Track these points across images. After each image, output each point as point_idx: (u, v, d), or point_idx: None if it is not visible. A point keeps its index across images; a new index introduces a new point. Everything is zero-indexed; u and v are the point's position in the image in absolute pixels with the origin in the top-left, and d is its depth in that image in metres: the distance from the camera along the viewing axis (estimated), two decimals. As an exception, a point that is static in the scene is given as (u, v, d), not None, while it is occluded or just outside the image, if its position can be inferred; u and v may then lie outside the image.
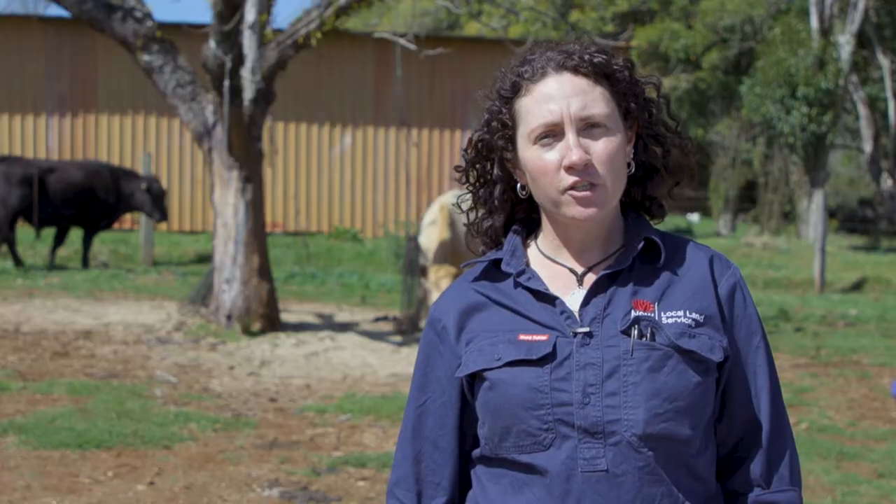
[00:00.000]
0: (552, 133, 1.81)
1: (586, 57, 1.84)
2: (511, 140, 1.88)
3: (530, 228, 1.97)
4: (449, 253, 10.25)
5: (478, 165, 1.95)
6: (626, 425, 1.76)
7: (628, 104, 1.86)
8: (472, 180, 1.97)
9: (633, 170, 1.89)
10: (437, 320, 1.92)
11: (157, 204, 14.79)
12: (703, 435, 1.82)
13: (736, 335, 1.86)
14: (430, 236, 10.20)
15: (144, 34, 9.75)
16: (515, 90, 1.86)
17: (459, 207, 2.03)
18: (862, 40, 24.44)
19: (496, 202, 1.95)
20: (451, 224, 10.23)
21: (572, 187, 1.79)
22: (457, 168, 1.98)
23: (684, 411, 1.78)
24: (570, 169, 1.79)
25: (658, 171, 1.93)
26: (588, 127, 1.81)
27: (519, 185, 1.91)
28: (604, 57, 1.85)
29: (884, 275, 16.82)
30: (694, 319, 1.82)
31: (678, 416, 1.77)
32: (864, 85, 25.23)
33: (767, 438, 1.87)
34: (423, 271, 10.62)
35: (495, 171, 1.93)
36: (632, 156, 1.89)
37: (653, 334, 1.79)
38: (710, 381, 1.82)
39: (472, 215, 2.00)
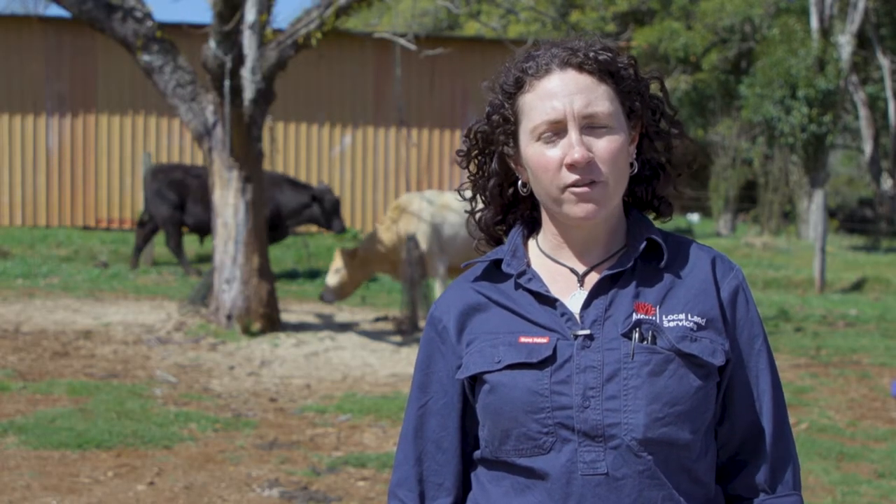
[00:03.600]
0: (555, 130, 1.80)
1: (591, 54, 1.82)
2: (513, 135, 1.87)
3: (531, 226, 1.96)
4: (375, 247, 10.54)
5: (477, 157, 1.95)
6: (626, 429, 1.75)
7: (632, 103, 1.85)
8: (472, 169, 1.97)
9: (636, 169, 1.88)
10: (438, 320, 1.91)
11: (331, 215, 13.93)
12: (703, 439, 1.81)
13: (738, 338, 1.85)
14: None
15: (144, 34, 9.75)
16: (519, 86, 1.85)
17: (461, 195, 2.03)
18: (862, 40, 24.44)
19: (488, 195, 1.95)
20: (395, 224, 10.45)
21: (573, 185, 1.78)
22: (458, 152, 1.98)
23: (685, 416, 1.77)
24: (571, 167, 1.77)
25: (664, 169, 1.92)
26: (591, 125, 1.79)
27: (520, 182, 1.90)
28: (609, 55, 1.83)
29: (884, 275, 16.81)
30: (696, 322, 1.80)
31: (678, 421, 1.76)
32: (864, 85, 25.22)
33: (770, 442, 1.86)
34: (422, 266, 10.63)
35: (493, 165, 1.92)
36: (635, 155, 1.88)
37: (654, 338, 1.78)
38: (711, 385, 1.81)
39: (473, 204, 2.00)
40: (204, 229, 13.83)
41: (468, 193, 2.00)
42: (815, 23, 23.13)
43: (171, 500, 5.32)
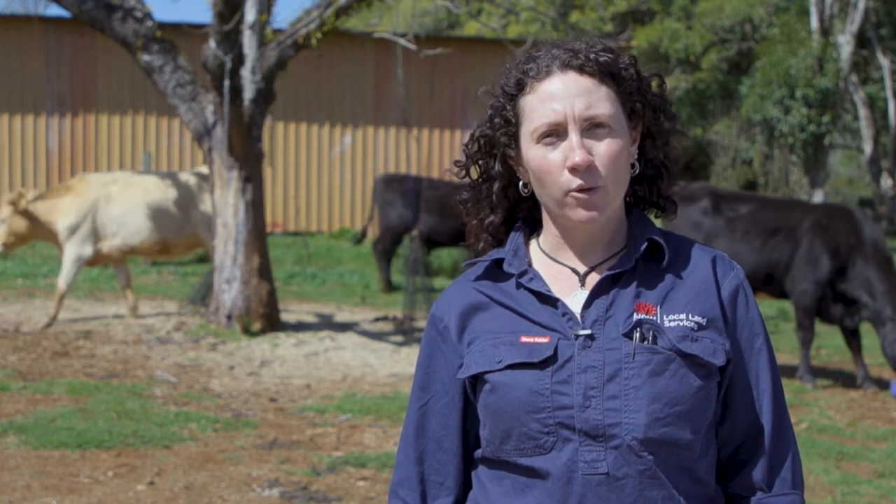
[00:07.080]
0: (556, 132, 1.80)
1: (592, 56, 1.82)
2: (514, 137, 1.87)
3: (532, 227, 1.96)
4: (46, 206, 10.12)
5: (479, 161, 1.95)
6: (627, 429, 1.75)
7: (633, 103, 1.85)
8: (473, 175, 1.97)
9: (637, 170, 1.88)
10: (439, 319, 1.91)
11: None
12: (704, 438, 1.82)
13: (738, 337, 1.85)
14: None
15: (144, 34, 9.75)
16: (520, 87, 1.85)
17: (460, 203, 2.02)
18: (862, 40, 24.43)
19: (495, 198, 1.94)
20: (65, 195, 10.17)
21: (575, 189, 1.78)
22: (457, 163, 1.98)
23: (685, 415, 1.77)
24: (573, 170, 1.78)
25: (667, 168, 1.92)
26: (592, 127, 1.79)
27: (521, 182, 1.90)
28: (610, 56, 1.83)
29: (884, 275, 16.79)
30: (696, 322, 1.81)
31: (679, 421, 1.77)
32: (864, 85, 25.22)
33: (769, 441, 1.86)
34: (427, 269, 10.62)
35: (496, 167, 1.92)
36: (636, 156, 1.88)
37: (655, 338, 1.78)
38: (712, 385, 1.81)
39: (474, 208, 1.99)
40: (438, 240, 13.72)
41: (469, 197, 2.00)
42: (815, 23, 23.12)
43: (171, 500, 5.32)
